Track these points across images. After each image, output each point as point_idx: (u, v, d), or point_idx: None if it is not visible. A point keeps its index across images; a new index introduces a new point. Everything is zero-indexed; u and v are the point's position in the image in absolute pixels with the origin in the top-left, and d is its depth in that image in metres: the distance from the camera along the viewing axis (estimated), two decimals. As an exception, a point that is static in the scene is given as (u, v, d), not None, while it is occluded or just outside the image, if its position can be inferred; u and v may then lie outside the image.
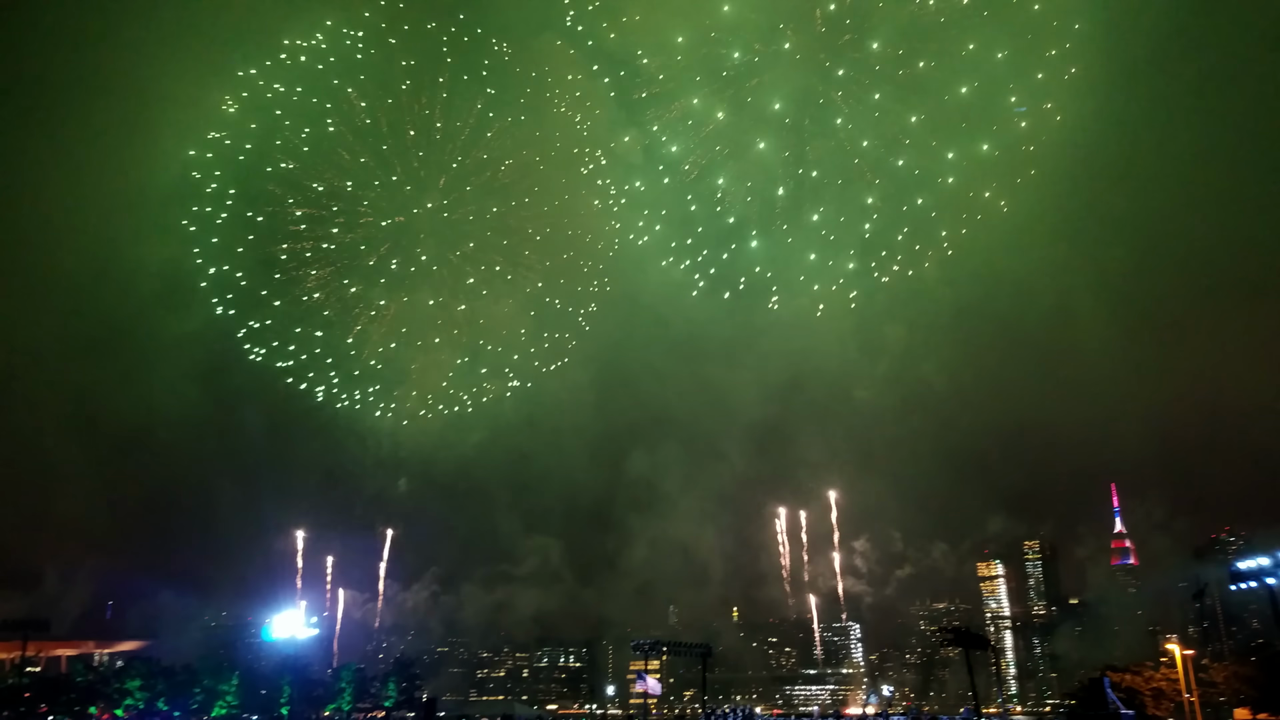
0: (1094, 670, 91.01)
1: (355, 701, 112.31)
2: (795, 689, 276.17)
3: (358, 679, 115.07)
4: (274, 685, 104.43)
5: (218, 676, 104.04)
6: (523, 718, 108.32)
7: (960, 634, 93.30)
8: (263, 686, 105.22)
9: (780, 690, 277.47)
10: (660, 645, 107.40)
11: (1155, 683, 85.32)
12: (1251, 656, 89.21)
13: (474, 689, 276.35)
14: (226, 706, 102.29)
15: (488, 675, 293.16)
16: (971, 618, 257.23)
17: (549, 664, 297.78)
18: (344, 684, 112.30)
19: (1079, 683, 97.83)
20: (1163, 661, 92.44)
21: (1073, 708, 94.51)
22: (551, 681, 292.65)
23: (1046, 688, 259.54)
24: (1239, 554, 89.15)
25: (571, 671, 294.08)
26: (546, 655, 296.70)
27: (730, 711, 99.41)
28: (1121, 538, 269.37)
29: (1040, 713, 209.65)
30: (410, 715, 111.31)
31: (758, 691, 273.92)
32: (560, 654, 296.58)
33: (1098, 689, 73.61)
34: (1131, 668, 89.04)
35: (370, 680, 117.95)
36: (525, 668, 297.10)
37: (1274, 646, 78.78)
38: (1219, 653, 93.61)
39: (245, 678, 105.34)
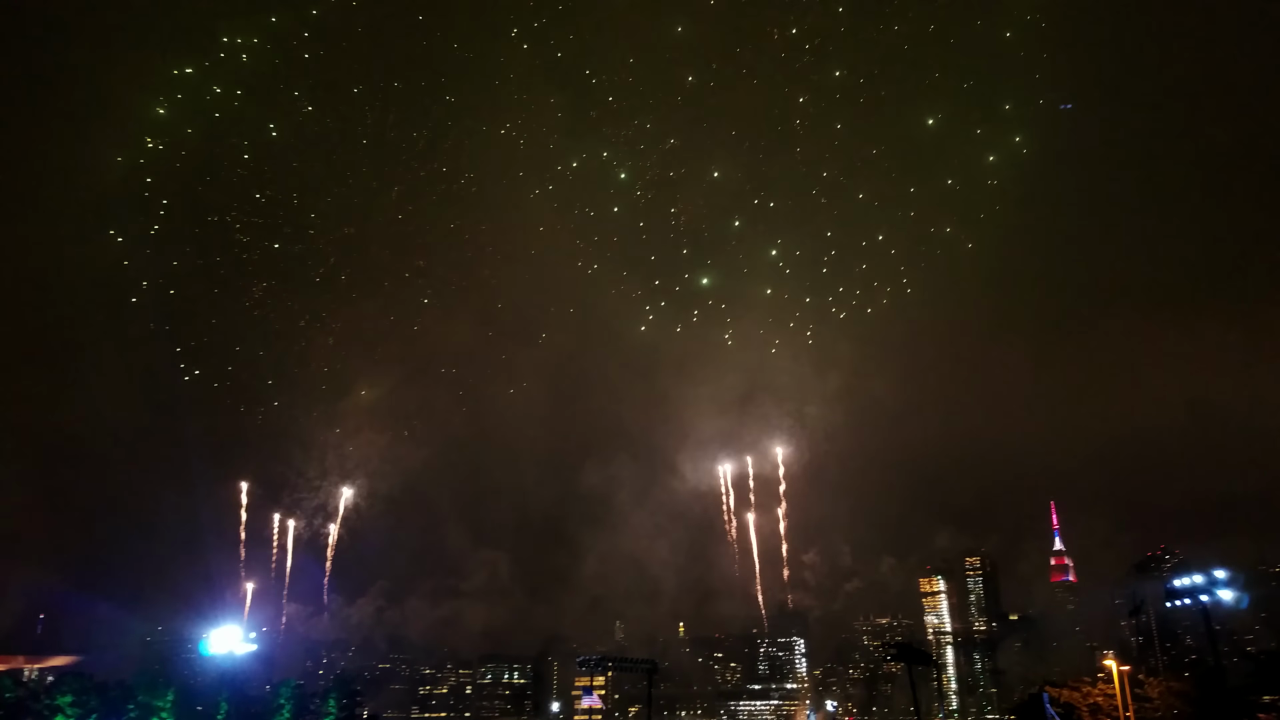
0: (1033, 685, 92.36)
1: (294, 718, 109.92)
2: (740, 704, 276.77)
3: (297, 695, 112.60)
4: (211, 702, 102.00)
5: (153, 693, 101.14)
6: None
7: (903, 649, 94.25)
8: (199, 703, 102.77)
9: (725, 705, 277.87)
10: (606, 661, 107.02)
11: (1092, 698, 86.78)
12: (1186, 673, 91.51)
13: (416, 705, 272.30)
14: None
15: (430, 692, 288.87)
16: (914, 633, 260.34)
17: (493, 680, 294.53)
18: (283, 700, 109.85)
19: (1018, 698, 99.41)
20: (1100, 677, 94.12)
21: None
22: (495, 698, 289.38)
23: (987, 702, 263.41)
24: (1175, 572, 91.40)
25: (516, 688, 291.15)
26: (490, 672, 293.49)
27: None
28: (1061, 555, 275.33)
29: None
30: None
31: (703, 706, 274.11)
32: (505, 670, 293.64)
33: (1037, 704, 74.72)
34: (1069, 683, 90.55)
35: (310, 697, 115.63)
36: (469, 684, 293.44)
37: (1207, 663, 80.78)
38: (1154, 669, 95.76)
39: (181, 694, 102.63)
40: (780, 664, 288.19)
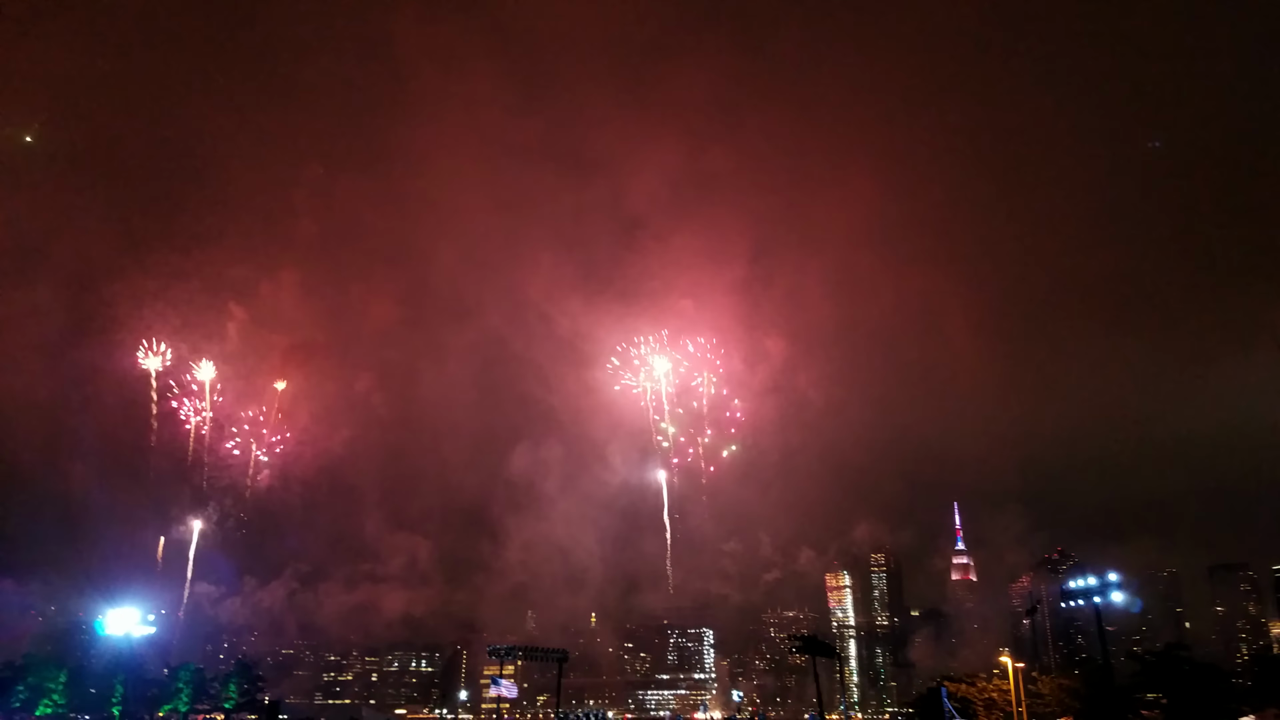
0: (931, 680, 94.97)
1: (193, 703, 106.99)
2: (648, 693, 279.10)
3: (196, 679, 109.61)
4: (106, 684, 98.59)
5: (44, 673, 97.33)
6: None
7: (808, 641, 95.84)
8: (93, 685, 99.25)
9: (634, 695, 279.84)
10: (516, 650, 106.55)
11: (988, 693, 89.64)
12: (1076, 670, 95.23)
13: (320, 692, 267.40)
14: (53, 705, 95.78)
15: (335, 679, 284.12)
16: (819, 626, 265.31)
17: (400, 668, 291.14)
18: (181, 684, 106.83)
19: (917, 692, 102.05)
20: (995, 673, 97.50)
21: (911, 715, 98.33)
22: (402, 686, 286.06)
23: (887, 696, 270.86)
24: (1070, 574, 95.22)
25: (423, 676, 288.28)
26: (398, 659, 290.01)
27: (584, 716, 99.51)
28: (962, 553, 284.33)
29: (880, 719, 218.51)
30: (252, 718, 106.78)
31: (611, 696, 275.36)
32: (412, 658, 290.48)
33: (935, 698, 77.11)
34: (966, 678, 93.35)
35: (210, 681, 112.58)
36: (375, 671, 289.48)
37: (1097, 661, 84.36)
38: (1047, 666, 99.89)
39: (75, 675, 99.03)
40: (689, 655, 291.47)
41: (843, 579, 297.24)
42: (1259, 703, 72.13)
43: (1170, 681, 72.11)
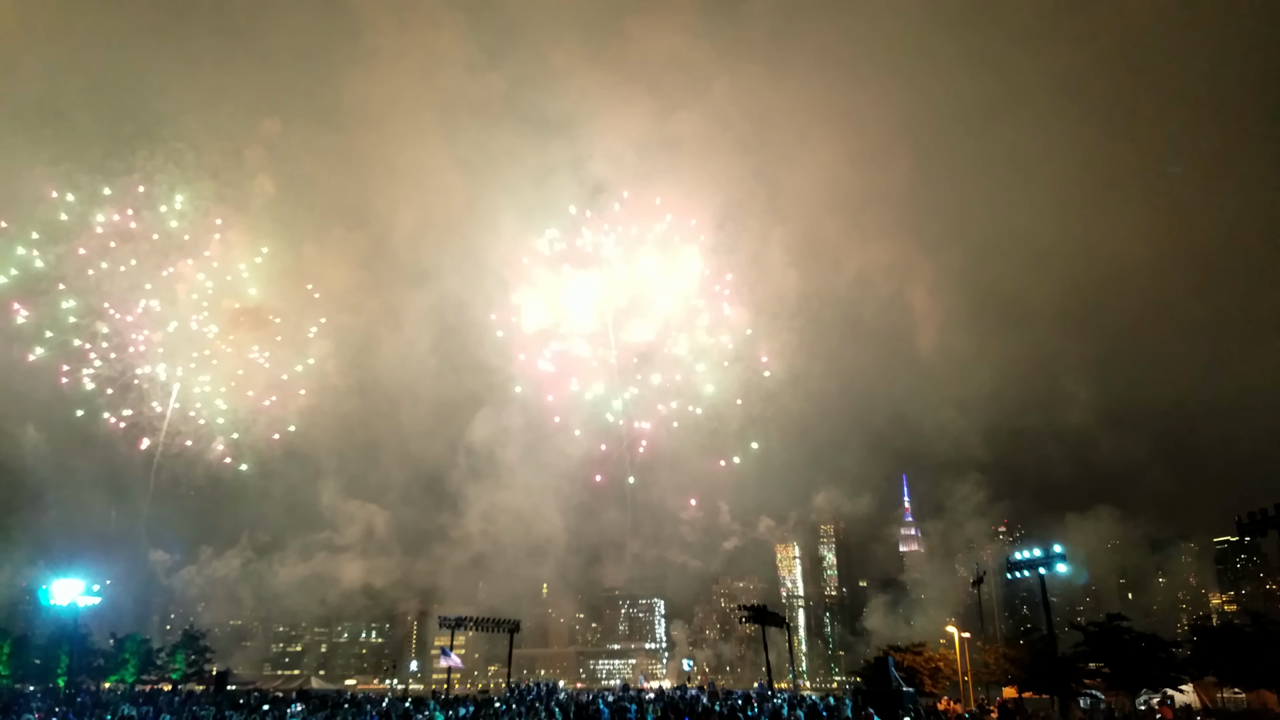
0: (879, 650, 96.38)
1: (139, 673, 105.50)
2: (599, 663, 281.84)
3: (143, 650, 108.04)
4: (50, 654, 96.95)
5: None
6: (319, 693, 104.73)
7: (757, 611, 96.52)
8: (38, 656, 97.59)
9: (585, 665, 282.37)
10: (467, 620, 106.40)
11: (934, 662, 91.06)
12: (1020, 640, 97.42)
13: (269, 664, 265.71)
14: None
15: (284, 650, 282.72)
16: (769, 596, 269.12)
17: (349, 639, 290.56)
18: (128, 655, 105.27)
19: (865, 661, 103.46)
20: (941, 643, 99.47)
21: (858, 684, 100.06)
22: (352, 657, 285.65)
23: (835, 665, 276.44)
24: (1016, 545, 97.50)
25: (373, 647, 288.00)
26: (348, 630, 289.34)
27: (534, 685, 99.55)
28: (910, 525, 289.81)
29: (828, 688, 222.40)
30: (199, 689, 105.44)
31: (563, 666, 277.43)
32: (362, 629, 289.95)
33: (882, 667, 78.35)
34: (912, 648, 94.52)
35: (156, 652, 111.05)
36: (324, 643, 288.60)
37: (1040, 631, 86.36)
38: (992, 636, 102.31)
39: (18, 646, 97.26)
40: (640, 624, 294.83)
41: (793, 549, 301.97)
42: (1198, 671, 74.47)
43: (1112, 651, 74.10)
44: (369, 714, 58.06)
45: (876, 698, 59.06)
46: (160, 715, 53.93)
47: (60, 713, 57.33)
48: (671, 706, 56.86)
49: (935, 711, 66.01)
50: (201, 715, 54.98)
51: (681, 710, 54.31)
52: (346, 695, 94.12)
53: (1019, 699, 78.72)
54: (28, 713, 55.10)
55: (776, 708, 55.82)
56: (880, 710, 52.88)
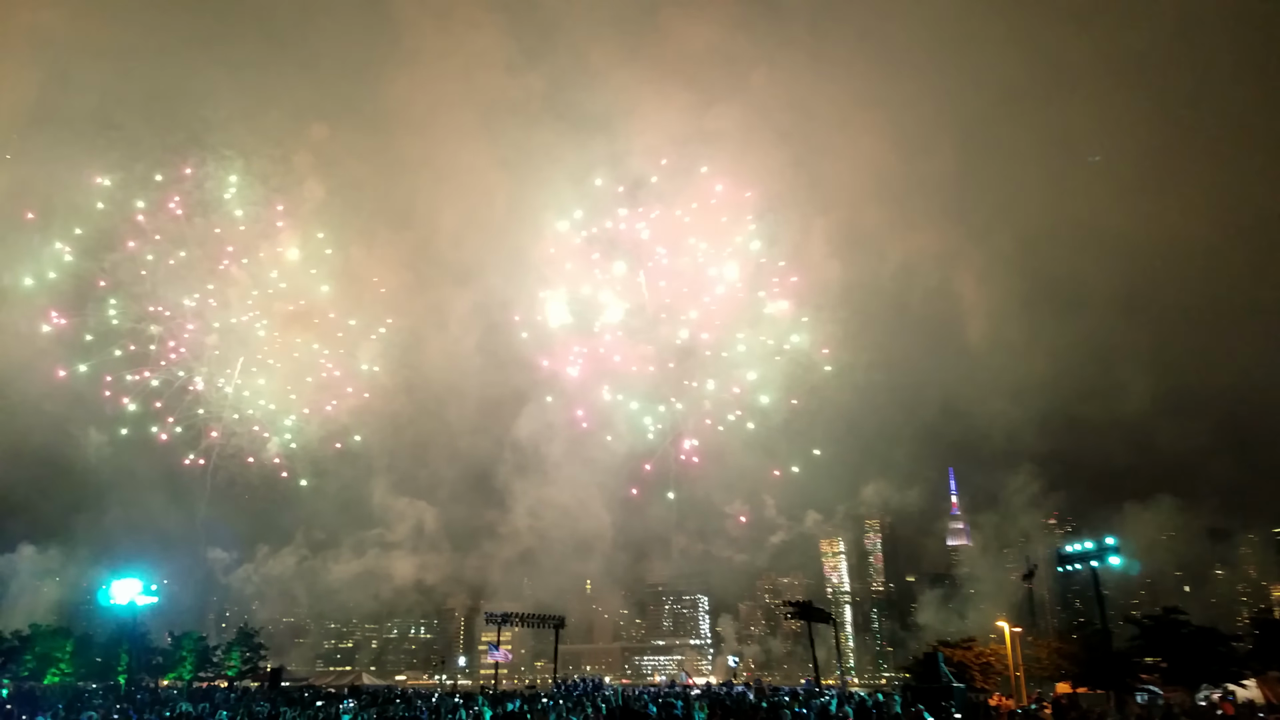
0: (928, 645, 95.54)
1: (196, 670, 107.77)
2: (644, 659, 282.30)
3: (199, 648, 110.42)
4: (110, 653, 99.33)
5: (51, 642, 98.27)
6: (371, 688, 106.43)
7: (803, 607, 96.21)
8: (98, 654, 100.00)
9: (630, 660, 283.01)
10: (513, 616, 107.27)
11: (984, 658, 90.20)
12: (1074, 635, 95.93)
13: (321, 660, 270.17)
14: (60, 674, 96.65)
15: (335, 646, 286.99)
16: (815, 592, 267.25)
17: (399, 635, 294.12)
18: (185, 653, 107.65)
19: (914, 657, 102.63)
20: (992, 638, 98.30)
21: (907, 680, 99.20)
22: (402, 653, 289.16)
23: (884, 661, 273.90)
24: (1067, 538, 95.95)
25: (422, 643, 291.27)
26: (397, 627, 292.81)
27: (580, 681, 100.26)
28: (958, 519, 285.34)
29: (877, 684, 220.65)
30: (254, 685, 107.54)
31: (608, 662, 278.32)
32: (411, 625, 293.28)
33: (931, 663, 77.60)
34: (962, 643, 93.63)
35: (213, 649, 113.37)
36: (374, 639, 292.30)
37: (1094, 626, 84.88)
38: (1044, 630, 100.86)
39: (80, 645, 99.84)
40: (684, 620, 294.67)
41: (838, 545, 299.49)
42: (1261, 666, 72.64)
43: (1169, 645, 72.62)
44: (419, 709, 58.71)
45: (926, 694, 58.62)
46: (217, 712, 54.98)
47: (121, 710, 58.65)
48: (718, 703, 56.84)
49: (986, 707, 65.26)
50: (257, 711, 55.92)
51: (728, 706, 54.26)
52: (397, 691, 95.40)
53: (1073, 694, 77.49)
54: (90, 710, 56.44)
55: (824, 704, 55.57)
56: (930, 706, 52.46)
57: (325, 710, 58.26)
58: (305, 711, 56.44)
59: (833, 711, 52.13)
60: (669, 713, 50.27)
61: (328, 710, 58.15)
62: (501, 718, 50.96)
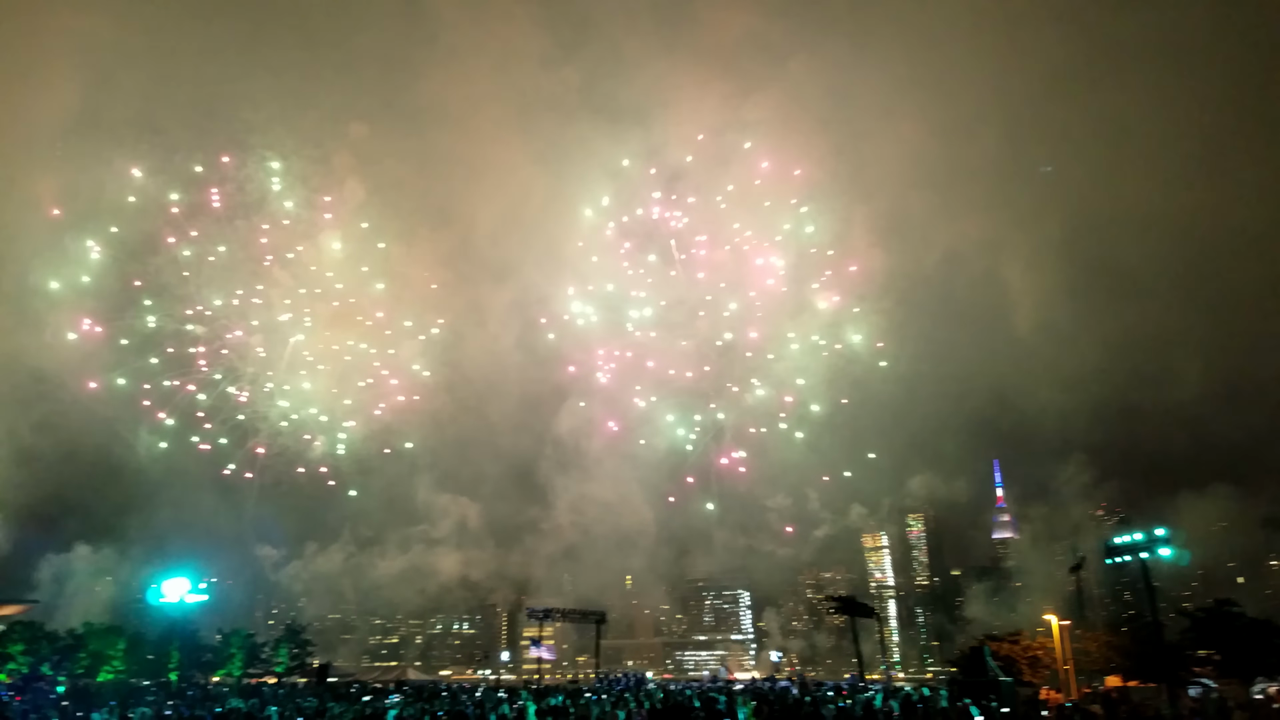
0: (974, 640, 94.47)
1: (246, 667, 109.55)
2: (686, 654, 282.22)
3: (248, 645, 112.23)
4: (162, 650, 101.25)
5: (104, 641, 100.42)
6: (416, 683, 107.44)
7: (846, 602, 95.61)
8: (150, 652, 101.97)
9: (671, 655, 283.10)
10: (554, 612, 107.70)
11: (1032, 651, 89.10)
12: (1124, 627, 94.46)
13: (366, 655, 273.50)
14: (113, 671, 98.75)
15: (380, 642, 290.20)
16: (857, 587, 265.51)
17: (442, 631, 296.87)
18: (234, 649, 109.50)
19: (959, 651, 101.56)
20: (1039, 631, 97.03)
21: (954, 674, 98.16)
22: (445, 648, 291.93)
23: (929, 655, 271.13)
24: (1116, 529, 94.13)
25: (465, 638, 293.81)
26: (440, 622, 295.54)
27: (622, 676, 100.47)
28: (1002, 511, 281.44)
29: (922, 679, 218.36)
30: (302, 681, 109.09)
31: (650, 657, 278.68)
32: (454, 621, 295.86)
33: (978, 657, 76.36)
34: (1009, 637, 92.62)
35: (261, 646, 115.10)
36: (418, 634, 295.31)
37: (1144, 618, 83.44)
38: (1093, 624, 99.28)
39: (132, 643, 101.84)
40: (725, 616, 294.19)
41: (880, 539, 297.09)
42: (1318, 659, 71.16)
43: (1222, 637, 71.25)
44: (464, 704, 59.11)
45: (973, 688, 57.87)
46: (266, 708, 55.72)
47: (173, 706, 59.69)
48: (761, 698, 56.55)
49: (1035, 701, 64.36)
50: (305, 707, 56.61)
51: (771, 702, 53.97)
52: (442, 686, 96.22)
53: (1124, 688, 76.24)
54: (143, 706, 57.47)
55: (869, 699, 55.09)
56: (977, 701, 51.79)
57: (372, 705, 58.84)
58: (352, 706, 57.03)
59: (877, 706, 51.66)
60: (712, 708, 50.07)
61: (374, 705, 58.72)
62: (545, 712, 51.10)
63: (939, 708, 52.79)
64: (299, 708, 56.28)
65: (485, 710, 54.29)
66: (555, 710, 52.53)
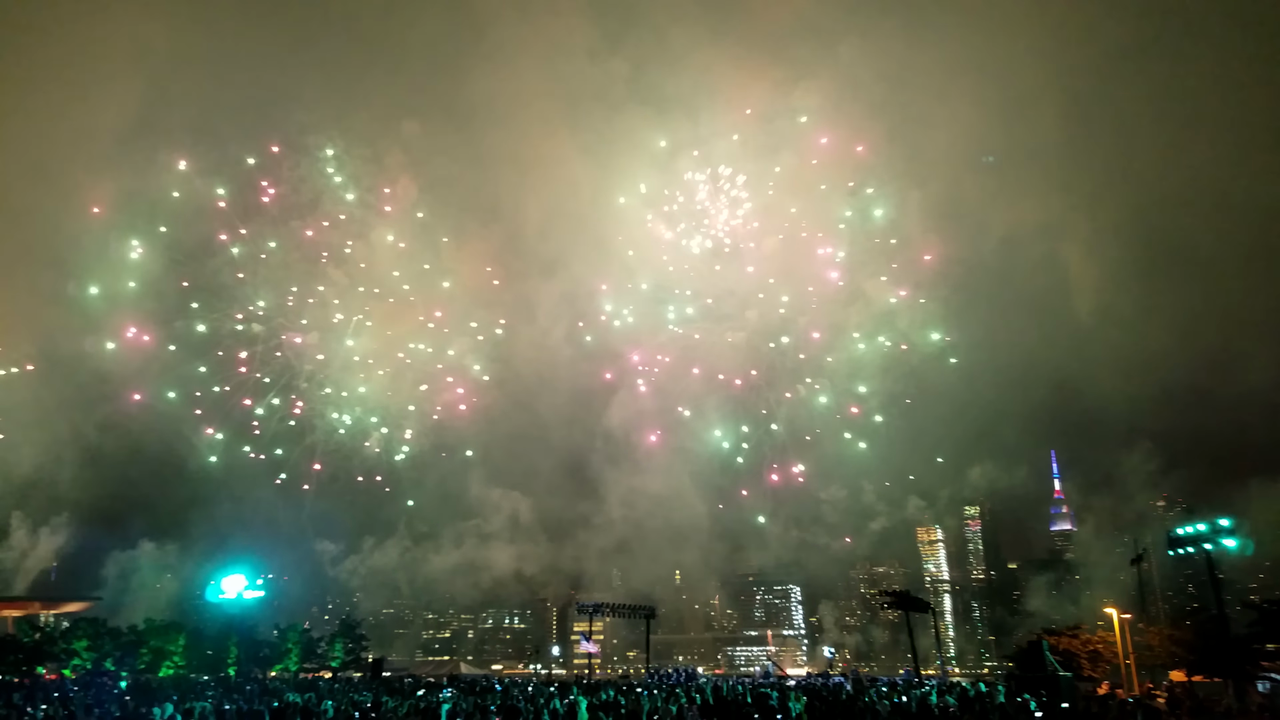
0: (1031, 634, 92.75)
1: (302, 662, 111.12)
2: (737, 650, 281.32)
3: (304, 640, 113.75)
4: (220, 646, 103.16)
5: (165, 637, 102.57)
6: (468, 677, 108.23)
7: (900, 597, 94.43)
8: (209, 647, 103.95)
9: (722, 651, 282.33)
10: (604, 607, 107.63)
11: (1092, 645, 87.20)
12: (1187, 621, 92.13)
13: (419, 649, 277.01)
14: (173, 666, 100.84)
15: (433, 636, 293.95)
16: (911, 581, 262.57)
17: (494, 625, 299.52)
18: (290, 644, 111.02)
19: (1017, 645, 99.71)
20: (1099, 625, 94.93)
21: (1011, 669, 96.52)
22: (497, 642, 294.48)
23: (985, 650, 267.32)
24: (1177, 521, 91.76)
25: (516, 633, 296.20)
26: (491, 617, 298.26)
27: (673, 671, 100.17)
28: (1060, 503, 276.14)
29: (979, 674, 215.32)
30: (357, 675, 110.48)
31: (699, 652, 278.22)
32: (505, 616, 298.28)
33: (1036, 651, 74.87)
34: (1068, 631, 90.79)
35: (317, 641, 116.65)
36: (470, 629, 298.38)
37: (1209, 611, 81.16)
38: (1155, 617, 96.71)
39: (191, 638, 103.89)
40: (776, 611, 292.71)
41: (935, 533, 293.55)
42: (1392, 652, 68.62)
43: (1292, 631, 69.08)
44: (516, 698, 59.26)
45: (1031, 683, 56.73)
46: (322, 702, 56.27)
47: (232, 700, 60.60)
48: (814, 694, 55.92)
49: (1096, 697, 62.88)
50: (360, 701, 57.11)
51: (825, 698, 53.33)
52: (494, 680, 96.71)
53: (1189, 683, 74.20)
54: (203, 701, 58.41)
55: (924, 695, 54.20)
56: (1036, 696, 50.71)
57: (426, 699, 59.19)
58: (406, 701, 57.40)
59: (933, 703, 50.79)
60: (764, 704, 49.58)
61: (428, 699, 59.06)
62: (597, 707, 50.99)
63: (997, 704, 51.78)
64: (354, 702, 56.78)
65: (537, 705, 54.37)
66: (607, 705, 52.42)
